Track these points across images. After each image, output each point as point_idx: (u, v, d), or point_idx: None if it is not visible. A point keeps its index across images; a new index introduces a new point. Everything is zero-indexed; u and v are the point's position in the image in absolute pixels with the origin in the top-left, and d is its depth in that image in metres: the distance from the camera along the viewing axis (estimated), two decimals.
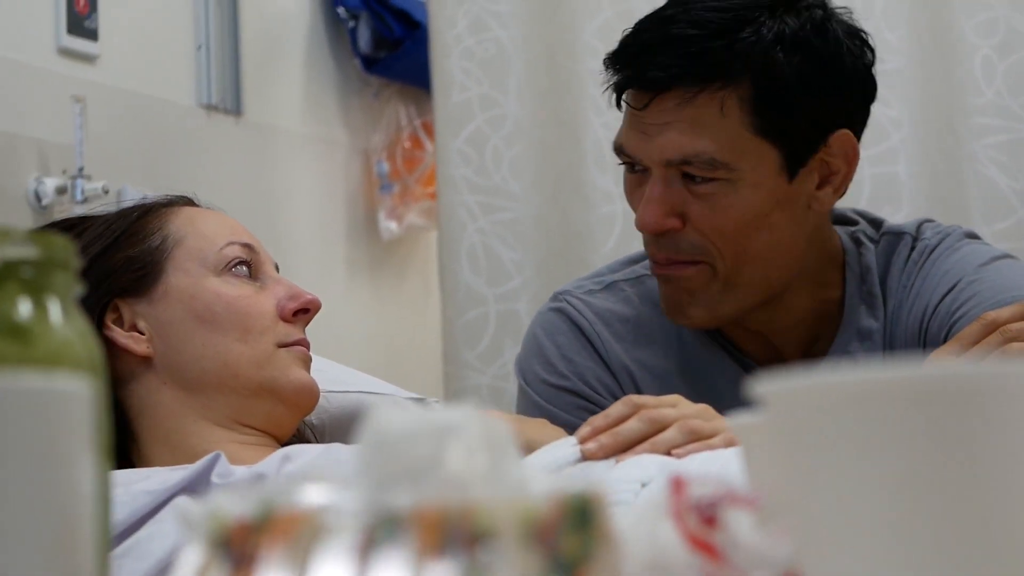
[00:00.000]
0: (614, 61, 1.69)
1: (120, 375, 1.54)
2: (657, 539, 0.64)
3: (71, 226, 1.60)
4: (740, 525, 0.63)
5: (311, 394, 1.57)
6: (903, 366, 0.57)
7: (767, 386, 0.59)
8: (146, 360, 1.54)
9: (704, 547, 0.63)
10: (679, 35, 1.64)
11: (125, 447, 1.54)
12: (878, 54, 1.82)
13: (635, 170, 1.71)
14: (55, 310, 0.74)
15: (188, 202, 1.65)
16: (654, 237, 1.70)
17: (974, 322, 1.54)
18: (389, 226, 3.04)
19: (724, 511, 0.63)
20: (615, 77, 1.69)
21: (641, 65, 1.65)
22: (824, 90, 1.67)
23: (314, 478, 0.61)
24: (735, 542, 0.63)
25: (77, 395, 0.61)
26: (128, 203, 1.65)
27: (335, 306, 2.92)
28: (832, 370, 0.58)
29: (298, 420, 1.60)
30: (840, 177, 1.71)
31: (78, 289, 0.76)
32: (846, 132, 1.70)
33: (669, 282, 1.72)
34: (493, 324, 2.52)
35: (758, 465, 0.63)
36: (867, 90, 1.74)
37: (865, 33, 1.74)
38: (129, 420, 1.54)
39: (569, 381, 1.81)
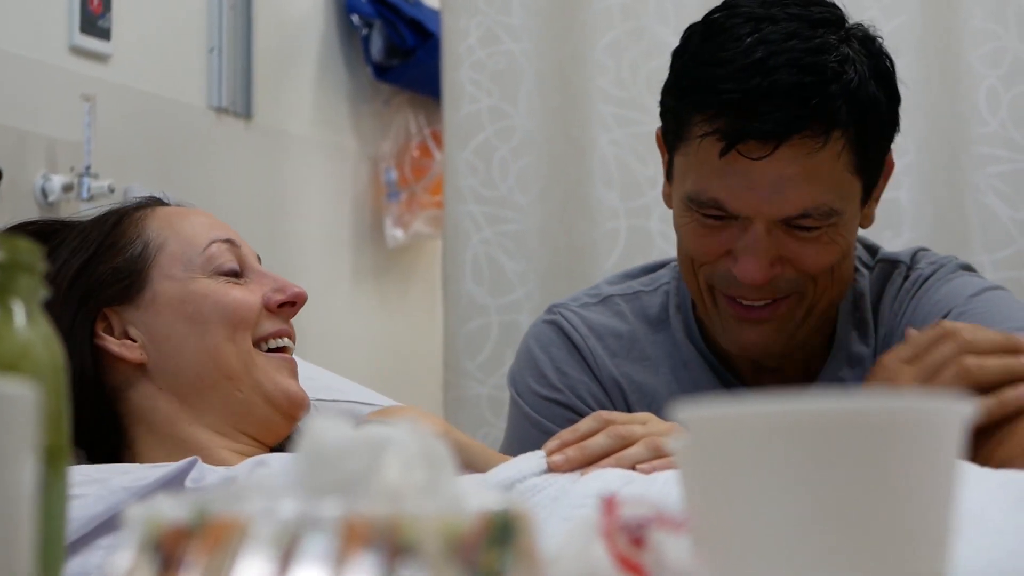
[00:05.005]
0: (705, 106, 1.57)
1: (115, 384, 1.54)
2: (587, 558, 0.66)
3: (44, 235, 1.59)
4: (667, 546, 0.65)
5: (302, 404, 1.57)
6: (807, 398, 0.58)
7: (687, 412, 0.61)
8: (141, 367, 1.53)
9: (632, 567, 0.65)
10: (792, 82, 1.54)
11: (120, 454, 1.54)
12: None
13: (714, 216, 1.62)
14: (19, 313, 0.75)
15: (158, 203, 1.64)
16: (754, 287, 1.63)
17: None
18: (395, 233, 3.05)
19: (652, 532, 0.65)
20: (715, 124, 1.56)
21: (754, 115, 1.54)
22: (896, 113, 1.67)
23: (254, 487, 0.62)
24: (662, 562, 0.64)
25: (20, 399, 0.62)
26: (97, 211, 1.64)
27: (339, 311, 2.93)
28: (746, 400, 0.59)
29: (291, 429, 1.59)
30: (879, 192, 1.71)
31: (43, 293, 0.78)
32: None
33: (760, 323, 1.67)
34: (495, 334, 2.54)
35: (687, 487, 0.65)
36: None
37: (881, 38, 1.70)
38: (125, 428, 1.54)
39: (561, 394, 1.81)
